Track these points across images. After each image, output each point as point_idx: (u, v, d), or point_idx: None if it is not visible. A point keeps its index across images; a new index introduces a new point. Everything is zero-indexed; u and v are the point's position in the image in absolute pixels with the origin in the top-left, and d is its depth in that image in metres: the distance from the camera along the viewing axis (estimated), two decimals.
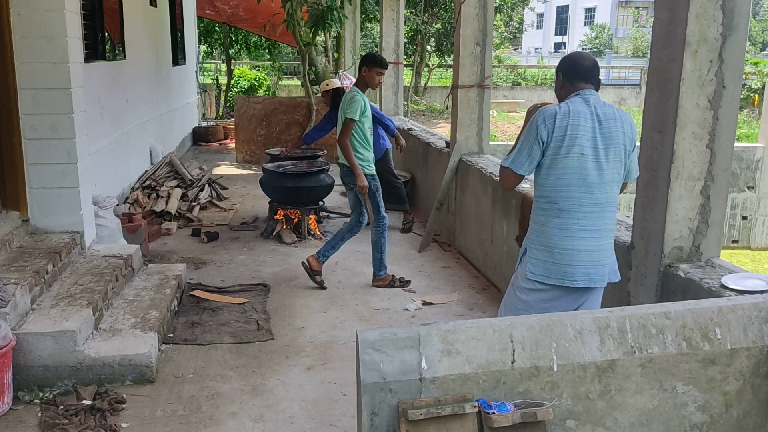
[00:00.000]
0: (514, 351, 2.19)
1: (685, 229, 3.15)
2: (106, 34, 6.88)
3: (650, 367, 2.27)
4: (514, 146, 2.93)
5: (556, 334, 2.24)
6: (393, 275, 5.32)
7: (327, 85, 6.74)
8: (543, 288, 2.93)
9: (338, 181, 8.37)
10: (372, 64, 5.04)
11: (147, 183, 7.86)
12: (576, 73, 2.92)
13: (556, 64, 3.13)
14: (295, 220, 6.62)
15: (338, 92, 6.57)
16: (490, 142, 7.15)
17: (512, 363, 2.17)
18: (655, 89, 3.15)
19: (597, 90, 2.93)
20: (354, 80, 11.83)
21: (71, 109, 4.40)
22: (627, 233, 3.55)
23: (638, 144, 3.09)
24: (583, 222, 2.86)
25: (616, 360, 2.24)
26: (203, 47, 19.52)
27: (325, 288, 5.21)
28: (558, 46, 51.27)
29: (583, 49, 41.59)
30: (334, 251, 5.28)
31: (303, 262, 5.30)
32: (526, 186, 4.66)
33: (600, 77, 2.98)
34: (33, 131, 4.40)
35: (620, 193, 2.97)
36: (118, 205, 6.30)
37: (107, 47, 6.93)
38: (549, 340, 2.23)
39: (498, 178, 4.01)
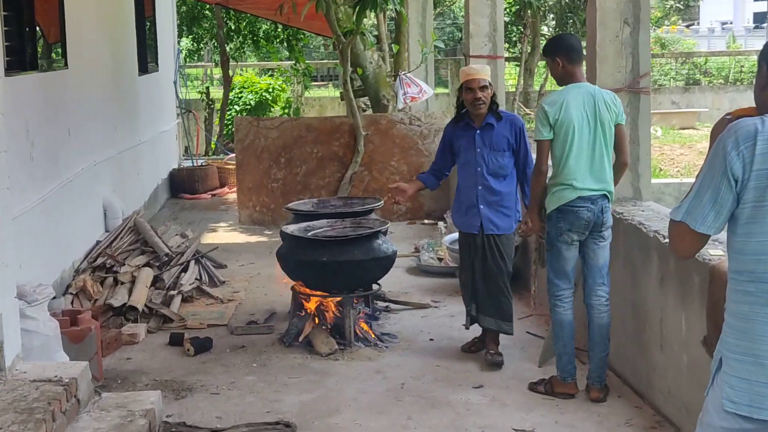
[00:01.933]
0: None
1: None
2: (38, 30, 7.22)
3: None
4: (692, 188, 2.90)
5: None
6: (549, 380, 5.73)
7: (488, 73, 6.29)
8: (754, 428, 2.85)
9: (403, 250, 8.39)
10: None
11: (100, 261, 8.06)
12: None
13: (758, 46, 3.12)
14: (332, 314, 6.64)
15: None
16: (653, 180, 7.10)
17: None
18: None
19: None
20: (424, 87, 12.14)
21: None
22: None
23: None
24: None
25: None
26: (186, 43, 20.27)
27: None
28: (760, 19, 50.81)
29: None
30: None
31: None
32: (717, 253, 4.59)
33: None
34: None
35: None
36: (55, 298, 6.44)
37: (40, 51, 7.27)
38: None
39: (668, 240, 3.97)
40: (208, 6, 18.07)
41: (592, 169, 5.42)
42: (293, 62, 18.75)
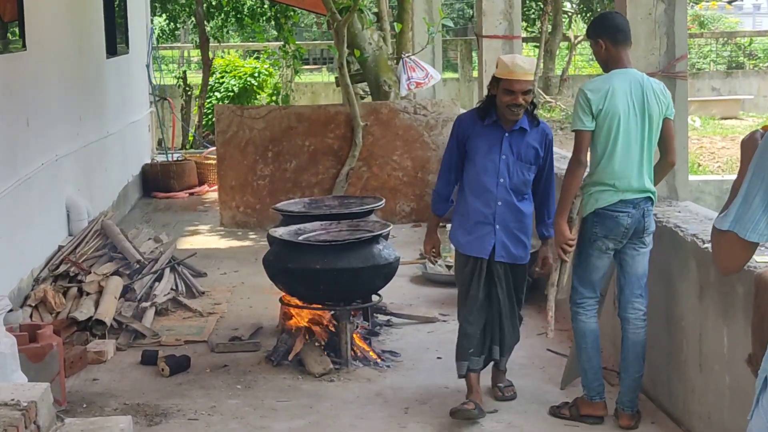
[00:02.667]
0: None
1: None
2: None
3: None
4: (731, 195, 2.91)
5: None
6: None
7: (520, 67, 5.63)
8: None
9: (407, 257, 8.41)
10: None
11: (62, 269, 8.07)
12: None
13: None
14: (326, 330, 6.67)
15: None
16: (690, 177, 7.11)
17: None
18: None
19: None
20: (431, 71, 12.14)
21: None
22: None
23: None
24: None
25: None
26: (159, 21, 20.30)
27: None
28: None
29: None
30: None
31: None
32: (764, 260, 4.59)
33: None
34: None
35: None
36: (12, 310, 6.47)
37: None
38: None
39: (711, 247, 3.97)
40: None
41: (637, 169, 5.37)
42: (282, 43, 18.75)
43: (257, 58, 21.39)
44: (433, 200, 6.05)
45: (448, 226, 6.33)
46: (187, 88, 17.92)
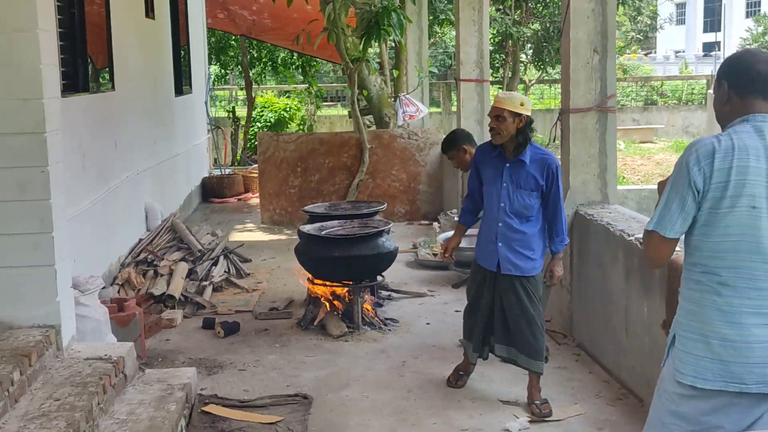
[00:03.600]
0: None
1: None
2: (89, 57, 7.25)
3: None
4: (658, 203, 2.93)
5: None
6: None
7: (522, 104, 5.02)
8: (698, 394, 2.89)
9: (403, 247, 8.41)
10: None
11: (142, 256, 8.09)
12: (749, 82, 2.89)
13: (706, 72, 3.14)
14: (342, 302, 6.68)
15: (529, 125, 5.06)
16: (618, 187, 7.11)
17: None
18: None
19: None
20: (420, 107, 12.15)
21: (45, 161, 4.62)
22: None
23: None
24: (756, 302, 2.84)
25: None
26: (215, 68, 20.29)
27: None
28: (709, 48, 50.78)
29: (748, 48, 41.02)
30: None
31: None
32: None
33: None
34: None
35: None
36: (104, 287, 6.49)
37: (90, 75, 7.30)
38: None
39: (641, 242, 3.96)
40: (233, 37, 18.13)
41: None
42: (307, 85, 18.77)
43: (288, 96, 21.34)
44: (461, 212, 5.61)
45: (435, 224, 6.32)
46: (235, 120, 17.88)
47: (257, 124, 19.09)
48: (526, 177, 4.99)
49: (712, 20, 53.32)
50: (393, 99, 12.51)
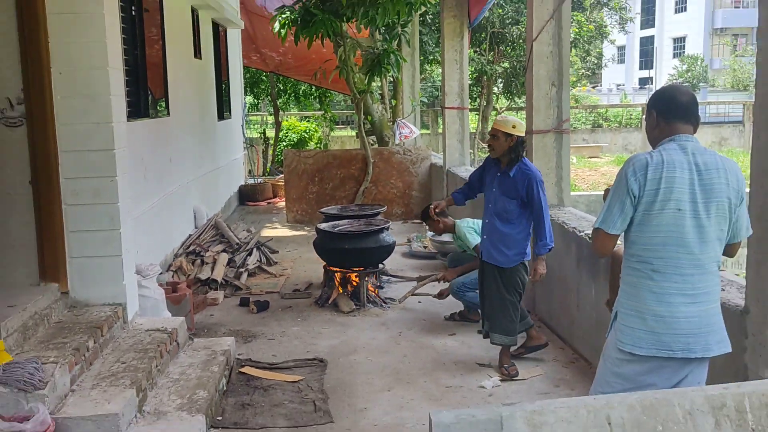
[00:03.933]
0: None
1: None
2: (149, 90, 7.25)
3: None
4: (603, 207, 2.94)
5: (662, 415, 2.18)
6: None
7: (513, 127, 4.86)
8: (635, 359, 2.90)
9: (400, 241, 8.40)
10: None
11: (191, 248, 8.09)
12: (673, 110, 2.91)
13: (642, 101, 3.17)
14: (350, 285, 6.68)
15: (520, 144, 4.91)
16: (571, 193, 7.10)
17: None
18: (765, 130, 3.10)
19: (696, 128, 2.92)
20: (413, 129, 12.14)
21: (114, 172, 4.63)
22: (740, 296, 3.43)
23: (747, 195, 3.01)
24: (681, 285, 2.84)
25: None
26: (249, 98, 20.28)
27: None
28: (644, 82, 50.91)
29: (673, 83, 41.13)
30: None
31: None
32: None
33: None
34: (74, 197, 4.63)
35: (733, 255, 2.91)
36: (161, 273, 6.49)
37: (150, 104, 7.30)
38: (654, 422, 2.16)
39: (589, 237, 3.98)
40: (264, 73, 18.13)
41: None
42: (323, 112, 18.79)
43: (308, 121, 21.35)
44: (455, 190, 5.46)
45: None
46: (266, 139, 17.88)
47: (283, 142, 19.08)
48: (509, 186, 4.90)
49: (647, 60, 53.45)
50: (391, 123, 12.50)
